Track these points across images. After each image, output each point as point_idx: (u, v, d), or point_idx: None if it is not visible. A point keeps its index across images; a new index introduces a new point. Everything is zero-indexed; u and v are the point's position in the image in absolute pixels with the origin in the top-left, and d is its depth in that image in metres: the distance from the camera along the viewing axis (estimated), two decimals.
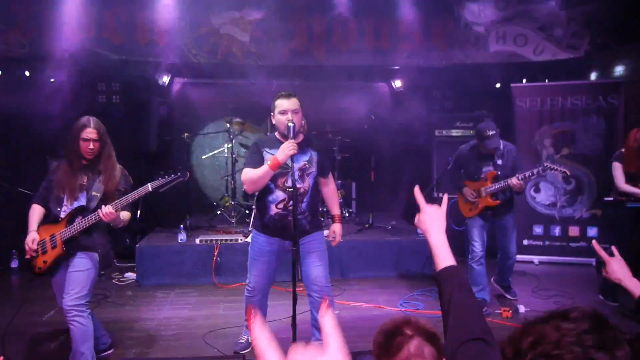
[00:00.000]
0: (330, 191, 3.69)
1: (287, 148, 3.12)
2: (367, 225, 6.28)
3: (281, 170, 3.29)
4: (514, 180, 4.26)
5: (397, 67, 7.12)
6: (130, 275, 5.64)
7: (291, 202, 3.20)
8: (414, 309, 4.72)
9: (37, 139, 5.99)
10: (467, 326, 1.38)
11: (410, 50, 6.75)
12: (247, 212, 6.50)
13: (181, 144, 6.85)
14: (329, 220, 6.38)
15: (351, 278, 5.61)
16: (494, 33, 6.76)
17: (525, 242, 6.38)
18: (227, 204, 6.56)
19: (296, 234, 3.03)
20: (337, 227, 3.68)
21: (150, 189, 3.17)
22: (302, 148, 3.36)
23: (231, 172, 6.48)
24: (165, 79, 7.12)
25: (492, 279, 5.06)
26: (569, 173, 4.31)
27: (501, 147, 4.51)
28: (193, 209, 7.07)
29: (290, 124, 3.21)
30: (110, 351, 3.72)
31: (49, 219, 3.32)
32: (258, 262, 3.51)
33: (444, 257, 1.52)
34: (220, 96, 7.42)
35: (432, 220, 1.60)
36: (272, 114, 3.42)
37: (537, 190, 6.39)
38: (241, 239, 5.58)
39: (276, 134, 3.48)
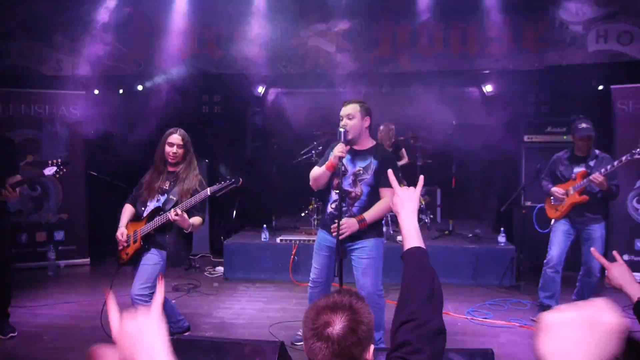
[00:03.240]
0: (378, 202, 3.50)
1: (337, 150, 3.34)
2: (446, 232, 6.20)
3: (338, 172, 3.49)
4: (595, 175, 4.06)
5: (486, 72, 6.94)
6: (220, 269, 6.19)
7: (342, 204, 3.37)
8: (482, 317, 4.61)
9: (149, 145, 6.82)
10: (410, 307, 1.40)
11: (500, 53, 6.54)
12: None
13: (271, 149, 7.33)
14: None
15: None
16: (594, 31, 6.29)
17: (626, 257, 5.83)
18: (311, 206, 6.88)
19: (338, 234, 3.21)
20: (349, 221, 3.39)
21: (209, 193, 3.45)
22: (363, 155, 3.51)
23: None
24: (261, 89, 7.69)
25: (573, 296, 4.75)
26: None
27: (597, 153, 4.38)
28: (283, 210, 7.52)
29: (341, 129, 3.39)
30: (187, 334, 4.18)
31: (135, 217, 3.79)
32: (318, 256, 3.70)
33: (411, 238, 1.56)
34: (310, 104, 7.79)
35: (404, 202, 1.63)
36: None
37: None
38: None
39: None
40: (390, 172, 1.71)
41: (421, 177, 1.76)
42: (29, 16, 6.56)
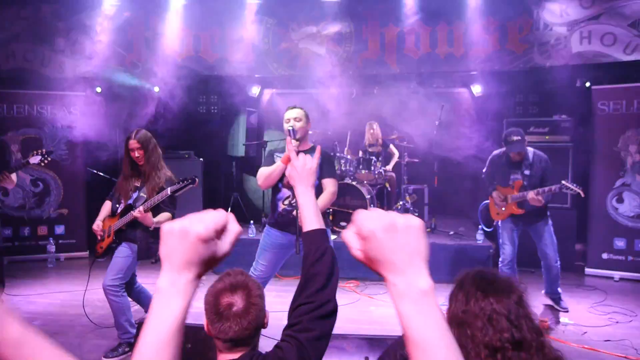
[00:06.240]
0: (321, 195, 3.70)
1: (293, 144, 3.53)
2: (428, 230, 6.35)
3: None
4: (530, 194, 4.27)
5: (472, 73, 7.06)
6: None
7: (295, 199, 3.57)
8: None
9: None
10: (309, 291, 1.48)
11: (485, 55, 6.67)
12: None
13: (263, 148, 7.56)
14: None
15: None
16: (578, 33, 6.38)
17: (605, 256, 5.91)
18: None
19: (298, 229, 3.41)
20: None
21: (169, 193, 3.59)
22: (306, 153, 3.72)
23: None
24: (255, 90, 7.93)
25: (543, 290, 4.89)
26: (582, 195, 4.17)
27: (530, 157, 4.49)
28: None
29: (289, 127, 3.58)
30: None
31: (112, 213, 4.00)
32: (267, 253, 3.82)
33: (310, 219, 1.51)
34: (303, 104, 7.98)
35: (300, 176, 1.56)
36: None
37: (620, 200, 5.89)
38: None
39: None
40: (288, 140, 1.74)
41: (318, 147, 1.74)
42: (33, 21, 6.93)
